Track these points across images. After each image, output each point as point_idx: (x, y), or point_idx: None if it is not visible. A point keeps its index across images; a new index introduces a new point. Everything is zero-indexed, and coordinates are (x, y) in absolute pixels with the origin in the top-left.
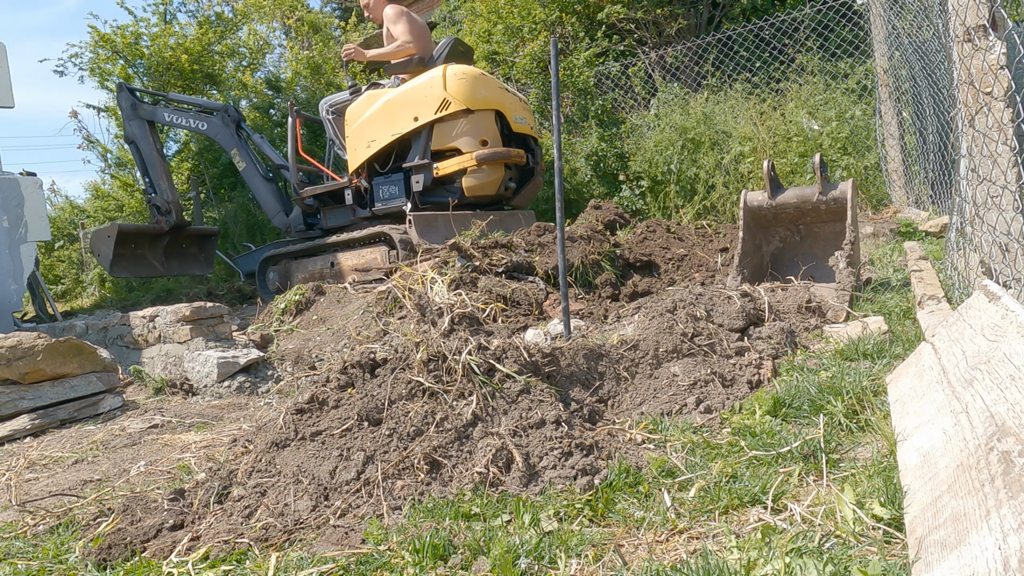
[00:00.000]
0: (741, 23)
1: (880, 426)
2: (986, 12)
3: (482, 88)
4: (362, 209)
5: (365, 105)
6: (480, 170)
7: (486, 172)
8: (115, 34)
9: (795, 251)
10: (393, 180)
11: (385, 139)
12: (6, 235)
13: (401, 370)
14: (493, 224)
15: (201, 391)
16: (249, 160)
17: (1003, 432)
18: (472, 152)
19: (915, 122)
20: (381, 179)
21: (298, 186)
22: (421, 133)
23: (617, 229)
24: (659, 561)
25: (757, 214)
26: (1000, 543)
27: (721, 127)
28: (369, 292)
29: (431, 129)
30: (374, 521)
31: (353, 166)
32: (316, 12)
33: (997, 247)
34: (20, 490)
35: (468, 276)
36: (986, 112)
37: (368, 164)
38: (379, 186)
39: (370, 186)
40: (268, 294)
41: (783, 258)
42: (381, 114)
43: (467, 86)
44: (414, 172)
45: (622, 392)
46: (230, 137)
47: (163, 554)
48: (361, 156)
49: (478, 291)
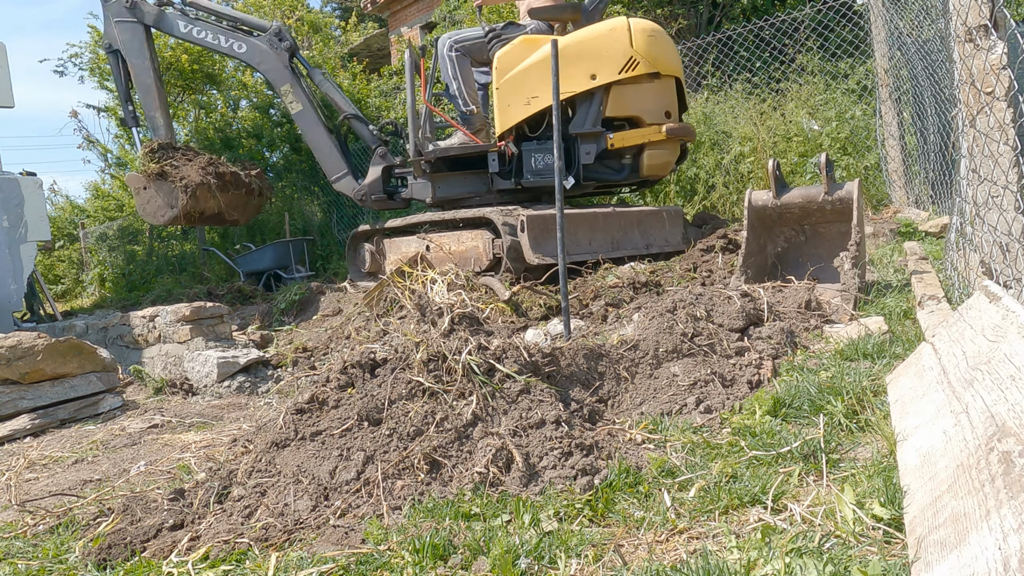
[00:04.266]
0: (741, 23)
1: (880, 426)
2: (988, 12)
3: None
4: (503, 180)
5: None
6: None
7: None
8: None
9: (800, 251)
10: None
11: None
12: (6, 235)
13: (401, 370)
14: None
15: (201, 391)
16: (307, 101)
17: (1003, 432)
18: (661, 125)
19: (915, 122)
20: (534, 145)
21: (420, 143)
22: (595, 95)
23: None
24: (659, 561)
25: (762, 214)
26: (1000, 543)
27: (721, 127)
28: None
29: (608, 91)
30: (374, 521)
31: (504, 126)
32: (316, 12)
33: (997, 247)
34: (20, 490)
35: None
36: (987, 112)
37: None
38: (531, 154)
39: (519, 152)
40: (359, 275)
41: (788, 258)
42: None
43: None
44: (582, 141)
45: (622, 392)
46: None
47: (163, 554)
48: (516, 115)
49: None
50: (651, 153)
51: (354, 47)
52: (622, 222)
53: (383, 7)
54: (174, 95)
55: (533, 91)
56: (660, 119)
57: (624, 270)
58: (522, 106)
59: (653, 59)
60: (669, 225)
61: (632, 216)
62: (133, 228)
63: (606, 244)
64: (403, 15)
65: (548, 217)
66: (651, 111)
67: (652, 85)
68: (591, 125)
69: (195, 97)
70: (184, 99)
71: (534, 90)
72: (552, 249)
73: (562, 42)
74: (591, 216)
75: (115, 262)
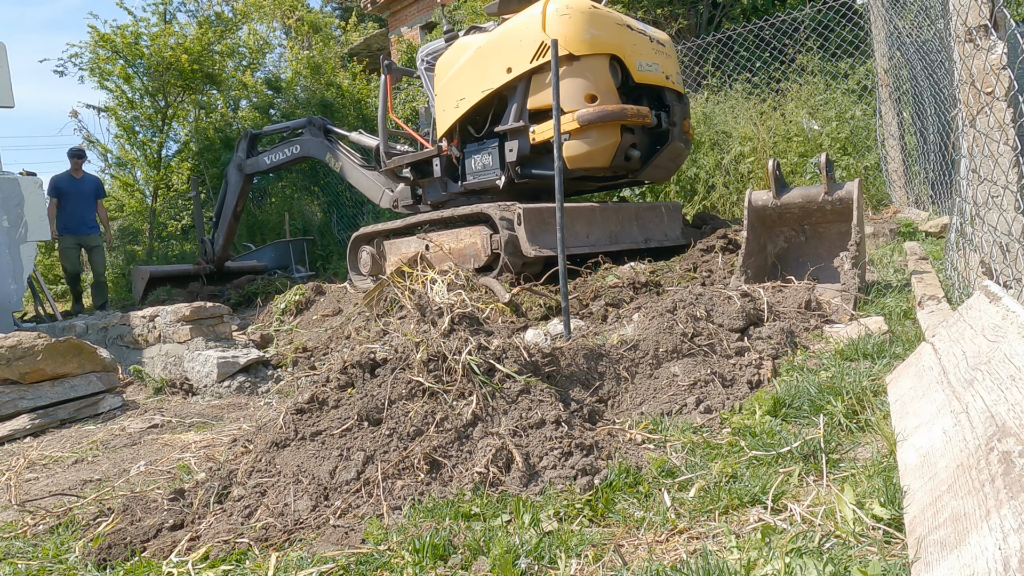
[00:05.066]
0: (741, 23)
1: (880, 426)
2: (988, 12)
3: (592, 27)
4: (453, 183)
5: (455, 55)
6: (586, 135)
7: (594, 137)
8: (115, 34)
9: (800, 251)
10: (487, 148)
11: (475, 96)
12: (6, 235)
13: (401, 370)
14: (626, 220)
15: (201, 391)
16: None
17: (1003, 432)
18: (575, 111)
19: (915, 122)
20: (474, 146)
21: (387, 155)
22: (516, 88)
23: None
24: (659, 561)
25: (762, 214)
26: (1000, 543)
27: (721, 127)
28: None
29: (528, 82)
30: (374, 521)
31: (442, 130)
32: (316, 12)
33: (997, 247)
34: (20, 490)
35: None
36: (987, 112)
37: (459, 127)
38: (471, 155)
39: (462, 154)
40: (359, 276)
41: (788, 258)
42: (471, 65)
43: (572, 24)
44: (508, 137)
45: (622, 392)
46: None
47: (163, 554)
48: (450, 118)
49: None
50: (570, 144)
51: (354, 47)
52: (620, 216)
53: (383, 7)
54: (174, 95)
55: (461, 93)
56: (578, 105)
57: (624, 270)
58: (453, 108)
59: (567, 40)
60: (668, 219)
61: (630, 210)
62: (133, 228)
63: (604, 238)
64: (403, 15)
65: (545, 210)
66: (569, 98)
67: (570, 67)
68: (515, 120)
69: (195, 97)
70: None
71: (461, 92)
72: (549, 241)
73: (483, 39)
74: (588, 210)
75: (115, 262)
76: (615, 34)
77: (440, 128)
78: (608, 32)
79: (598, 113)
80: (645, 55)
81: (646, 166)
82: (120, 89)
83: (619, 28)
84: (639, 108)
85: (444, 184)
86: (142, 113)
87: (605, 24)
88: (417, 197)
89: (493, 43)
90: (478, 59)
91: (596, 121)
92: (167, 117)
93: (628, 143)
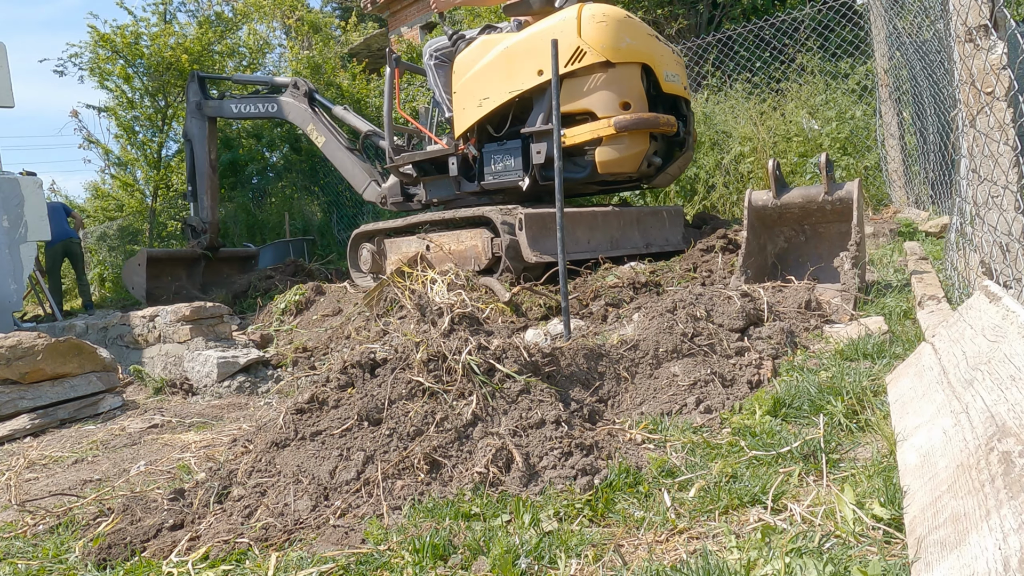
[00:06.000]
0: (741, 23)
1: (880, 426)
2: (988, 12)
3: (627, 35)
4: (468, 182)
5: (478, 54)
6: (619, 141)
7: (627, 144)
8: (115, 34)
9: (800, 251)
10: (509, 148)
11: (501, 97)
12: (6, 235)
13: (401, 370)
14: (627, 225)
15: (201, 391)
16: (328, 133)
17: (1003, 432)
18: (611, 117)
19: (915, 122)
20: (494, 146)
21: (394, 152)
22: (546, 91)
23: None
24: (659, 561)
25: (762, 214)
26: (1000, 543)
27: (721, 127)
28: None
29: (559, 86)
30: (374, 521)
31: (460, 129)
32: (316, 12)
33: (997, 247)
34: (20, 490)
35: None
36: (987, 112)
37: (479, 127)
38: (491, 155)
39: (480, 154)
40: (359, 274)
41: (788, 258)
42: (497, 65)
43: (608, 32)
44: (535, 140)
45: (622, 392)
46: (303, 112)
47: (163, 554)
48: (470, 117)
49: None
50: (603, 150)
51: (354, 47)
52: (621, 221)
53: (383, 7)
54: (174, 95)
55: (484, 92)
56: (613, 111)
57: (624, 270)
58: (475, 108)
59: (603, 47)
60: (669, 224)
61: (632, 215)
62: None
63: (605, 243)
64: (403, 15)
65: (547, 215)
66: (605, 103)
67: (606, 75)
68: (542, 122)
69: None
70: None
71: (485, 91)
72: (550, 247)
73: (511, 40)
74: (590, 215)
75: (115, 262)
76: (645, 44)
77: (459, 127)
78: (640, 41)
79: (634, 120)
80: (670, 66)
81: (660, 173)
82: (120, 89)
83: (649, 38)
84: (668, 117)
85: (458, 183)
86: (142, 113)
87: (638, 33)
88: (408, 195)
89: (523, 44)
90: (506, 59)
91: (631, 128)
92: (167, 117)
93: (653, 150)
